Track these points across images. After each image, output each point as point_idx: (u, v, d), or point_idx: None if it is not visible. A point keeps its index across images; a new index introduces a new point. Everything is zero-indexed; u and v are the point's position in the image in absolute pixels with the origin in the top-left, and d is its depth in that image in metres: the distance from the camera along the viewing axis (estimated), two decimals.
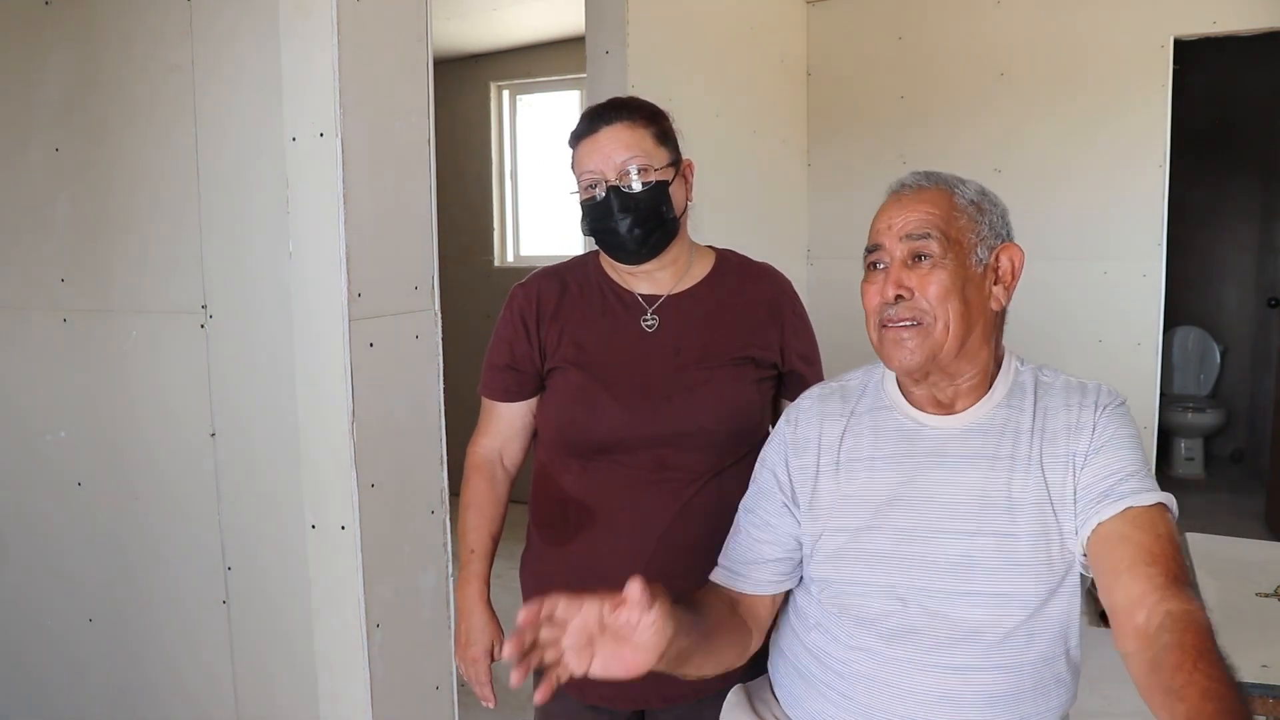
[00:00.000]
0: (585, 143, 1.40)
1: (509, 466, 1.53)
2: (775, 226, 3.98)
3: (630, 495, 1.39)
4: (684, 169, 1.44)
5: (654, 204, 1.37)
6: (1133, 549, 1.01)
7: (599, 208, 1.38)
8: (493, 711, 1.43)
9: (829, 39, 4.21)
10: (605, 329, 1.43)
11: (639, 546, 1.38)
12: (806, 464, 1.20)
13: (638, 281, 1.46)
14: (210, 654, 1.97)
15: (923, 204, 1.13)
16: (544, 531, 1.48)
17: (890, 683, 1.09)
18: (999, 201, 1.18)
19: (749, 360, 1.43)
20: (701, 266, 1.49)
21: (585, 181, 1.40)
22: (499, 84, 5.09)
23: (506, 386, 1.48)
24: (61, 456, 2.12)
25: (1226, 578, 1.81)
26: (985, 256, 1.13)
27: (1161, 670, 0.90)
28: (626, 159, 1.37)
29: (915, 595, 1.10)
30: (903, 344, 1.11)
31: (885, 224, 1.14)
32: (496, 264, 5.10)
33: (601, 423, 1.38)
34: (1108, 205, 3.75)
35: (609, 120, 1.39)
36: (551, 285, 1.48)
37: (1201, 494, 5.00)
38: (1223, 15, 3.56)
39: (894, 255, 1.12)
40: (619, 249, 1.41)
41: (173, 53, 1.87)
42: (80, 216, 2.04)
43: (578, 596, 0.92)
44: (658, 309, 1.44)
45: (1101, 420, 1.10)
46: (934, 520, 1.11)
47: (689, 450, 1.38)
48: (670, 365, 1.41)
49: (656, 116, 1.42)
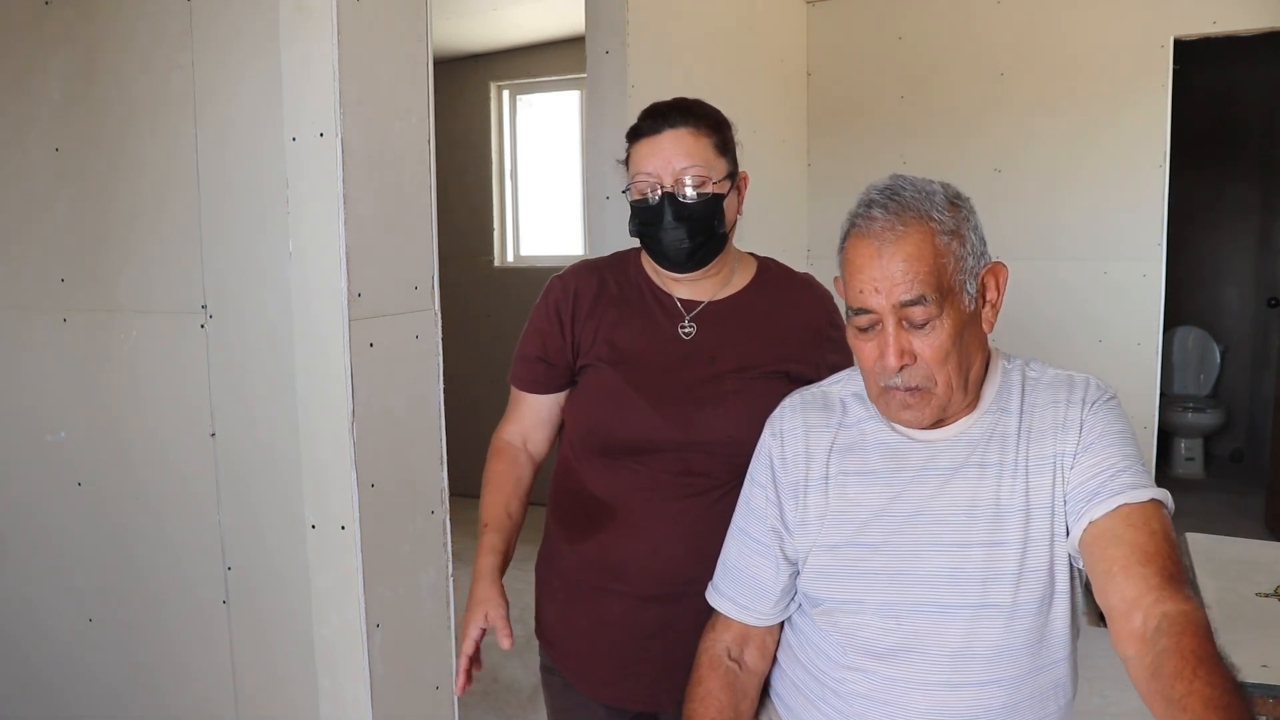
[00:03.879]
0: (646, 142, 1.36)
1: (533, 453, 1.52)
2: (775, 226, 3.98)
3: (651, 499, 1.37)
4: (739, 181, 1.41)
5: (707, 217, 1.34)
6: (1126, 548, 0.99)
7: (651, 211, 1.35)
8: (493, 712, 1.44)
9: (829, 39, 4.21)
10: (641, 331, 1.41)
11: (656, 551, 1.36)
12: (795, 479, 1.18)
13: (678, 286, 1.44)
14: (210, 654, 1.97)
15: (903, 255, 1.04)
16: (562, 528, 1.47)
17: (887, 700, 1.08)
18: (965, 201, 1.11)
19: (784, 375, 1.40)
20: (743, 275, 1.46)
21: (640, 183, 1.36)
22: (499, 84, 5.09)
23: (536, 378, 1.47)
24: (61, 457, 2.12)
25: (1226, 578, 1.80)
26: (973, 290, 1.08)
27: (1161, 677, 0.88)
28: (686, 167, 1.33)
29: (907, 611, 1.08)
30: (910, 409, 1.09)
31: (869, 283, 1.05)
32: (496, 264, 5.10)
33: (630, 424, 1.37)
34: (1108, 205, 3.75)
35: (674, 124, 1.35)
36: (590, 281, 1.45)
37: (1201, 494, 5.00)
38: (1223, 15, 3.56)
39: (887, 320, 1.06)
40: (665, 257, 1.38)
41: (173, 52, 1.88)
42: (80, 216, 2.04)
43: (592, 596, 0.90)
44: (696, 316, 1.42)
45: (1089, 417, 1.08)
46: (923, 534, 1.09)
47: (715, 458, 1.36)
48: (704, 373, 1.38)
49: (721, 126, 1.39)
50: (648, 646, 1.38)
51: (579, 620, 1.43)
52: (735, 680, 1.20)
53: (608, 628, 1.39)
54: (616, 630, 1.39)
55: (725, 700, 1.18)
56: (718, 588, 1.25)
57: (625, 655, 1.39)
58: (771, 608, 1.20)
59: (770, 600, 1.20)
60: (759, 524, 1.21)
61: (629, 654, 1.39)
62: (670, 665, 1.36)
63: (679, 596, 1.36)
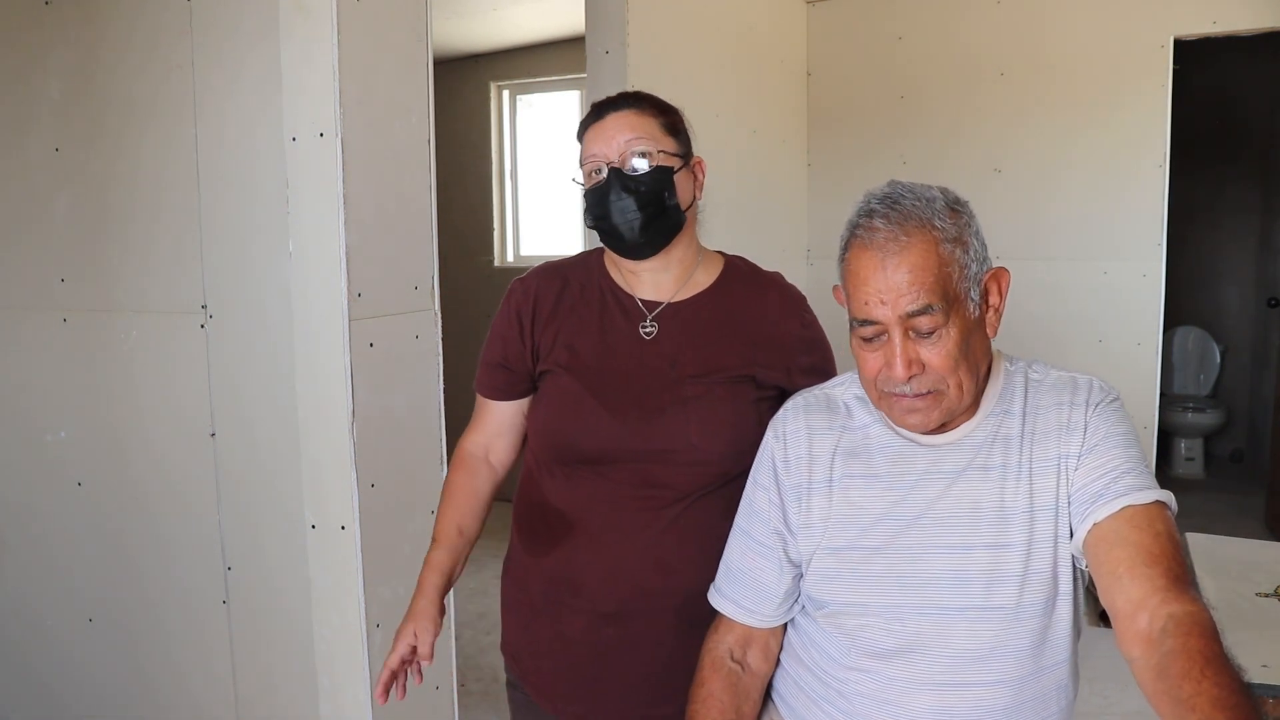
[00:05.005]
0: (591, 130, 1.36)
1: (495, 464, 1.48)
2: (775, 226, 3.98)
3: (612, 510, 1.33)
4: (694, 164, 1.39)
5: (656, 188, 1.31)
6: (1131, 550, 0.99)
7: (599, 191, 1.33)
8: (493, 712, 1.44)
9: (829, 39, 4.21)
10: (601, 333, 1.38)
11: (615, 566, 1.32)
12: (799, 482, 1.18)
13: (640, 284, 1.40)
14: (210, 654, 1.96)
15: (908, 265, 1.03)
16: (524, 539, 1.43)
17: (890, 700, 1.08)
18: (965, 206, 1.10)
19: (749, 379, 1.36)
20: (708, 274, 1.42)
21: (589, 166, 1.35)
22: (499, 84, 5.09)
23: (497, 384, 1.43)
24: (62, 456, 2.12)
25: (1226, 578, 1.80)
26: (976, 295, 1.07)
27: (1168, 678, 0.88)
28: (630, 139, 1.32)
29: (911, 613, 1.08)
30: (917, 412, 1.08)
31: (874, 295, 1.04)
32: (496, 264, 5.10)
33: (588, 433, 1.33)
34: (1108, 205, 3.75)
35: (618, 107, 1.35)
36: (551, 284, 1.42)
37: (1201, 494, 5.00)
38: (1223, 15, 3.56)
39: (893, 331, 1.05)
40: (618, 238, 1.34)
41: (173, 52, 1.87)
42: (80, 216, 2.04)
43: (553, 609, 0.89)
44: (657, 315, 1.38)
45: (1093, 420, 1.08)
46: (927, 537, 1.09)
47: (676, 468, 1.31)
48: (665, 377, 1.34)
49: (667, 110, 1.38)
50: (610, 663, 1.34)
51: (540, 636, 1.39)
52: (738, 682, 1.20)
53: (569, 644, 1.35)
54: (578, 647, 1.35)
55: (727, 702, 1.18)
56: (720, 589, 1.24)
57: (587, 672, 1.35)
58: (774, 609, 1.20)
59: (773, 602, 1.20)
60: (762, 526, 1.20)
61: (591, 671, 1.35)
62: (634, 682, 1.34)
63: (641, 613, 1.32)
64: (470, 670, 3.02)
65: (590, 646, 1.34)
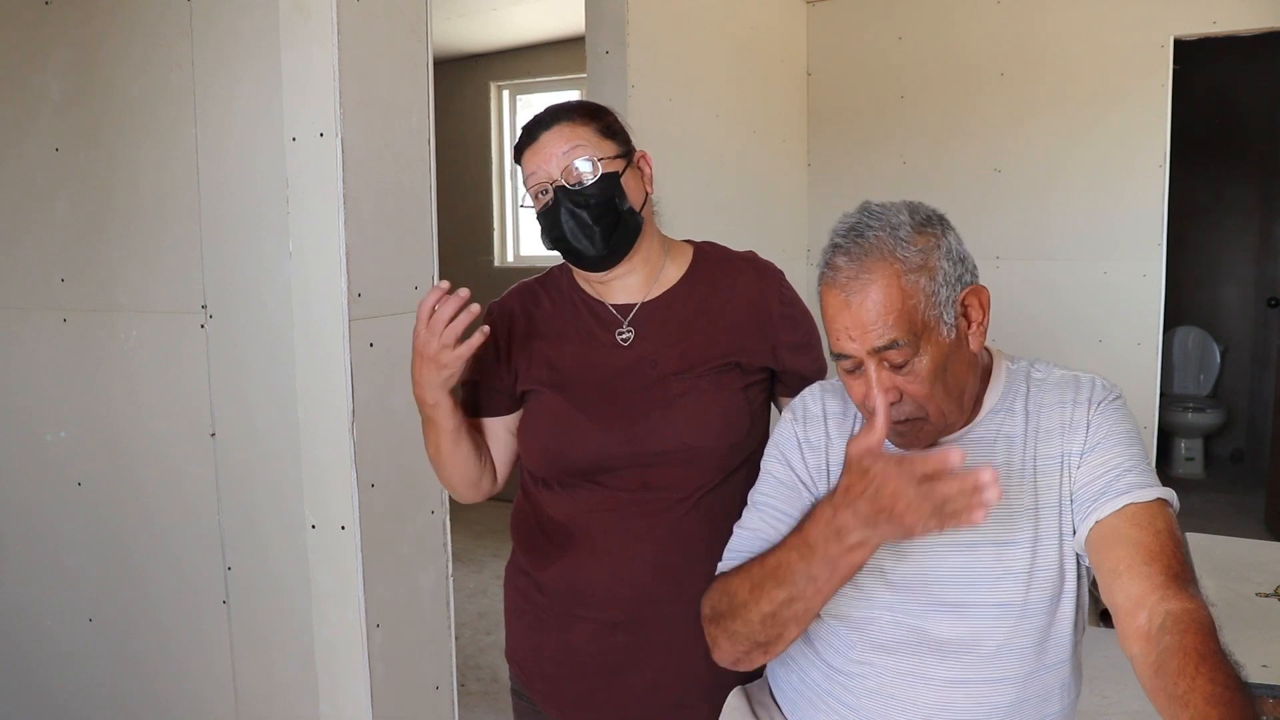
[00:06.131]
0: (527, 152, 1.31)
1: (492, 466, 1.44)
2: (775, 226, 3.98)
3: (612, 519, 1.31)
4: (637, 160, 1.34)
5: (605, 197, 1.27)
6: (1131, 548, 1.00)
7: (549, 213, 1.29)
8: (493, 712, 1.44)
9: (829, 39, 4.21)
10: (579, 346, 1.35)
11: (619, 573, 1.31)
12: (818, 464, 1.18)
13: (610, 291, 1.36)
14: (210, 654, 1.96)
15: (870, 303, 1.03)
16: (525, 553, 1.41)
17: (894, 695, 1.09)
18: (936, 224, 1.08)
19: (733, 366, 1.33)
20: (677, 266, 1.38)
21: (533, 188, 1.31)
22: (499, 84, 5.09)
23: (471, 402, 1.40)
24: (61, 456, 2.12)
25: (1226, 578, 1.81)
26: (951, 318, 1.06)
27: (1165, 674, 0.89)
28: (568, 149, 1.27)
29: (915, 609, 1.09)
30: (903, 437, 1.09)
31: (843, 331, 1.05)
32: (496, 264, 5.10)
33: (578, 447, 1.31)
34: (1108, 205, 3.75)
35: (547, 125, 1.30)
36: (525, 303, 1.40)
37: (1201, 494, 5.00)
38: (1223, 15, 3.56)
39: (867, 363, 1.05)
40: (581, 256, 1.30)
41: (173, 52, 1.88)
42: (80, 216, 2.04)
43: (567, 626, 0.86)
44: (632, 319, 1.35)
45: (1096, 417, 1.09)
46: (933, 533, 1.10)
47: (672, 469, 1.30)
48: (648, 379, 1.31)
49: (598, 113, 1.34)
50: (617, 671, 1.33)
51: (546, 644, 1.37)
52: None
53: (575, 653, 1.34)
54: (585, 655, 1.34)
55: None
56: (732, 551, 1.20)
57: (595, 680, 1.34)
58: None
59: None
60: (788, 492, 1.18)
61: (599, 679, 1.34)
62: (641, 689, 1.33)
63: (647, 619, 1.31)
64: (470, 670, 3.01)
65: (598, 655, 1.33)
